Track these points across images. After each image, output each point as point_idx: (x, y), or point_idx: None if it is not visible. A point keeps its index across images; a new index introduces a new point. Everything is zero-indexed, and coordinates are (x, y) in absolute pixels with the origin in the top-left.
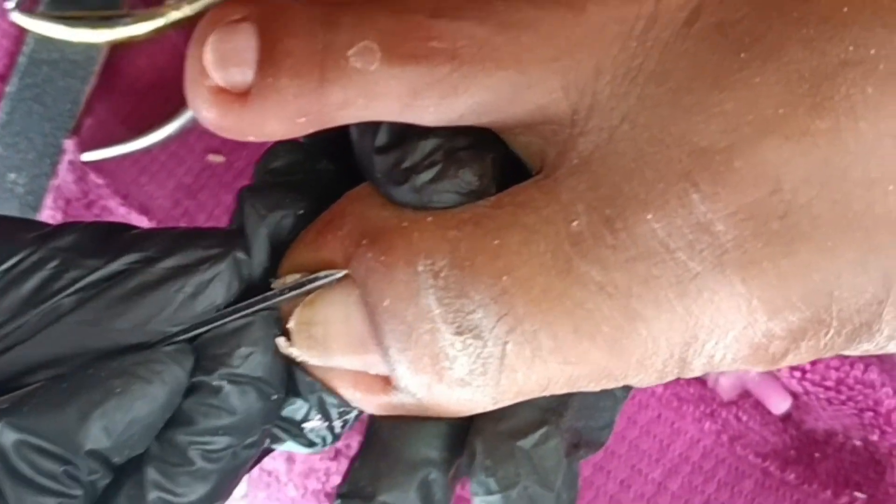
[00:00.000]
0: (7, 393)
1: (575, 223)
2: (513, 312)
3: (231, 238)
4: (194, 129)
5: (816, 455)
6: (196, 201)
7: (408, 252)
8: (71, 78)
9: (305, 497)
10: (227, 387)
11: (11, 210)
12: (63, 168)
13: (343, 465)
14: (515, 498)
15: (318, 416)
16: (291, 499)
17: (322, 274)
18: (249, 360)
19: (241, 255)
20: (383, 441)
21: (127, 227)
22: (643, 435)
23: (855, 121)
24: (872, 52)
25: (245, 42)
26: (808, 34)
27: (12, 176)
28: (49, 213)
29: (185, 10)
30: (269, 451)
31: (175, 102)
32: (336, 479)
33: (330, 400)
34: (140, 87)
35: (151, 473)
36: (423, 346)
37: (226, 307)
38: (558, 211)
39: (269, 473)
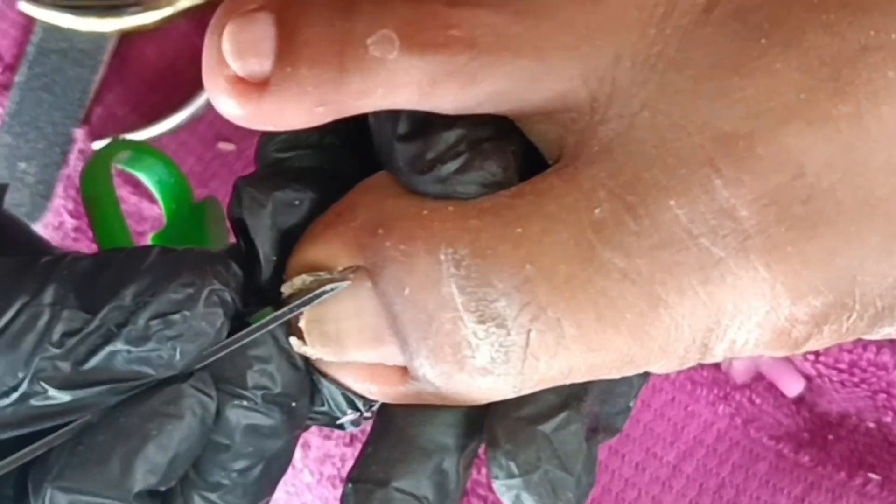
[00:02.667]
0: (35, 439)
1: (597, 210)
2: (536, 301)
3: (201, 268)
4: (204, 118)
5: (830, 437)
6: (207, 189)
7: (429, 241)
8: (80, 67)
9: (321, 483)
10: (246, 408)
11: (22, 199)
12: (73, 157)
13: (358, 450)
14: (536, 481)
15: (350, 410)
16: (307, 484)
17: (328, 287)
18: (263, 378)
19: (214, 286)
20: (397, 427)
21: (103, 262)
22: (657, 418)
23: (877, 105)
24: (893, 36)
25: (263, 32)
26: (829, 19)
27: (23, 165)
28: (60, 202)
29: None
30: None
31: (184, 91)
32: (351, 465)
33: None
34: (149, 76)
35: (196, 500)
36: (445, 335)
37: (231, 331)
38: (580, 199)
39: None
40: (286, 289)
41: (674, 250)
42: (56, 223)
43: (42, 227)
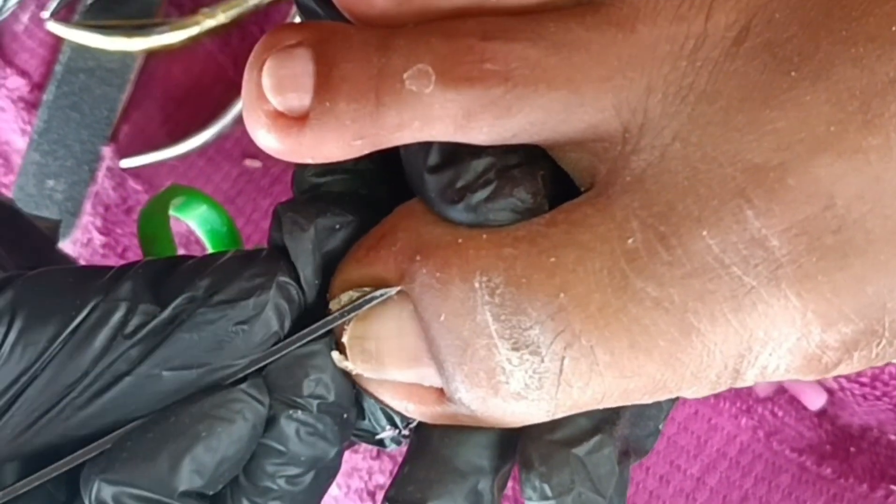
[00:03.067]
0: (93, 441)
1: (630, 240)
2: (570, 329)
3: (273, 263)
4: (230, 135)
5: (852, 450)
6: (234, 206)
7: (463, 269)
8: (107, 86)
9: (348, 496)
10: (302, 416)
11: (51, 216)
12: (101, 174)
13: (385, 463)
14: (570, 503)
15: (388, 427)
16: (334, 497)
17: (378, 292)
18: (319, 387)
19: (284, 279)
20: (433, 448)
21: (177, 262)
22: (681, 431)
23: None
24: None
25: (302, 67)
26: (857, 53)
27: (51, 183)
28: (88, 219)
29: (220, 18)
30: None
31: (211, 108)
32: (378, 478)
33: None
34: (176, 94)
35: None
36: (479, 361)
37: (287, 334)
38: (613, 229)
39: None
40: (334, 305)
41: (706, 279)
42: (84, 240)
43: (71, 244)
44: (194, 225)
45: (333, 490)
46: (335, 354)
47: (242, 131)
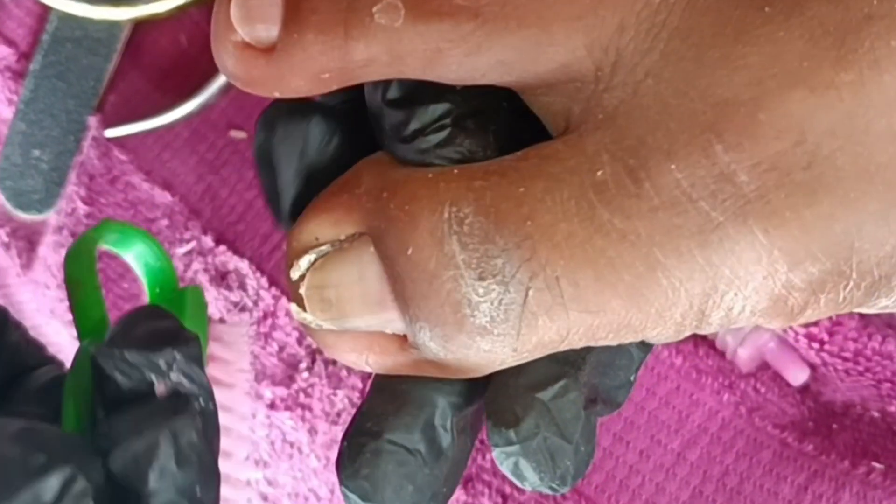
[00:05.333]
0: None
1: (599, 173)
2: (536, 258)
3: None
4: (217, 106)
5: (834, 426)
6: (219, 176)
7: (433, 200)
8: (94, 55)
9: (328, 468)
10: None
11: (37, 186)
12: (87, 144)
13: None
14: (535, 449)
15: (155, 377)
16: (314, 469)
17: None
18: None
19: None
20: (391, 385)
21: None
22: (662, 406)
23: (879, 74)
24: None
25: None
26: None
27: (37, 152)
28: (73, 189)
29: None
30: None
31: (197, 79)
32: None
33: (143, 357)
34: (162, 64)
35: None
36: (445, 294)
37: None
38: (583, 162)
39: (292, 445)
40: (294, 273)
41: (673, 213)
42: (69, 210)
43: (55, 214)
44: (130, 260)
45: (312, 462)
46: (293, 307)
47: (228, 102)
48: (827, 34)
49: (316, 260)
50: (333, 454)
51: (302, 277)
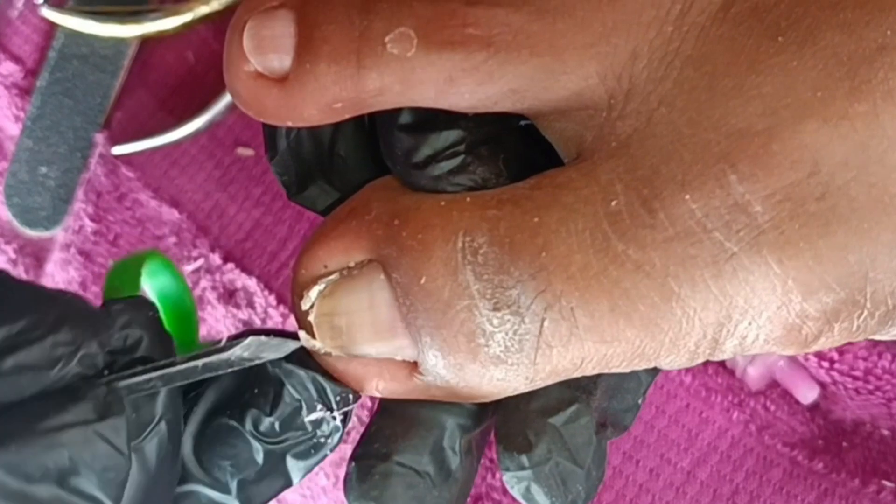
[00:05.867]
0: None
1: (613, 203)
2: (551, 289)
3: (86, 327)
4: (224, 123)
5: (844, 444)
6: (226, 194)
7: (446, 230)
8: (101, 72)
9: (337, 486)
10: None
11: (44, 203)
12: (94, 161)
13: None
14: (547, 474)
15: (321, 407)
16: (322, 488)
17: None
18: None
19: (90, 351)
20: (400, 407)
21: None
22: (672, 424)
23: (893, 104)
24: None
25: (283, 28)
26: (845, 18)
27: (44, 169)
28: (80, 206)
29: (213, 5)
30: None
31: (204, 96)
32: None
33: (332, 389)
34: (169, 81)
35: None
36: (459, 324)
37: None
38: (597, 192)
39: None
40: (304, 304)
41: (687, 244)
42: (76, 227)
43: (62, 231)
44: (150, 288)
45: (322, 480)
46: (302, 334)
47: (236, 119)
48: (840, 64)
49: (325, 287)
50: (342, 472)
51: (311, 306)
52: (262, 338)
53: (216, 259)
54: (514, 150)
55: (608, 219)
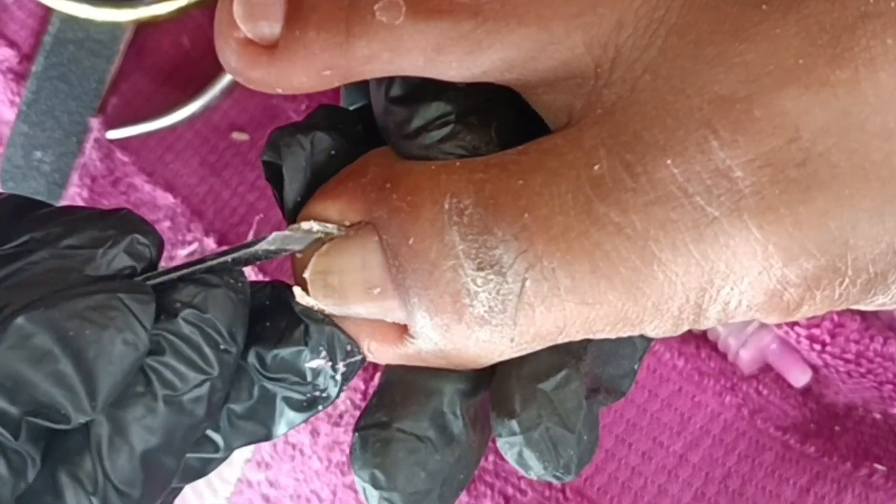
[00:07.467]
0: None
1: (596, 167)
2: (532, 249)
3: (132, 222)
4: (219, 108)
5: (836, 428)
6: (220, 178)
7: (434, 192)
8: (96, 57)
9: (329, 469)
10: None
11: (38, 188)
12: (89, 146)
13: None
14: (537, 438)
15: (324, 354)
16: (315, 471)
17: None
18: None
19: (138, 236)
20: (399, 376)
21: (39, 204)
22: (664, 408)
23: (874, 72)
24: (893, 4)
25: None
26: None
27: (38, 154)
28: (75, 191)
29: None
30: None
31: (200, 81)
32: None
33: (340, 337)
34: (165, 66)
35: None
36: (445, 284)
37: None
38: (580, 156)
39: (294, 446)
40: (292, 229)
41: (669, 207)
42: None
43: None
44: None
45: (314, 464)
46: (297, 290)
47: (230, 104)
48: (823, 32)
49: (317, 231)
50: (335, 456)
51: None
52: (287, 231)
53: (210, 243)
54: (507, 119)
55: (591, 182)
